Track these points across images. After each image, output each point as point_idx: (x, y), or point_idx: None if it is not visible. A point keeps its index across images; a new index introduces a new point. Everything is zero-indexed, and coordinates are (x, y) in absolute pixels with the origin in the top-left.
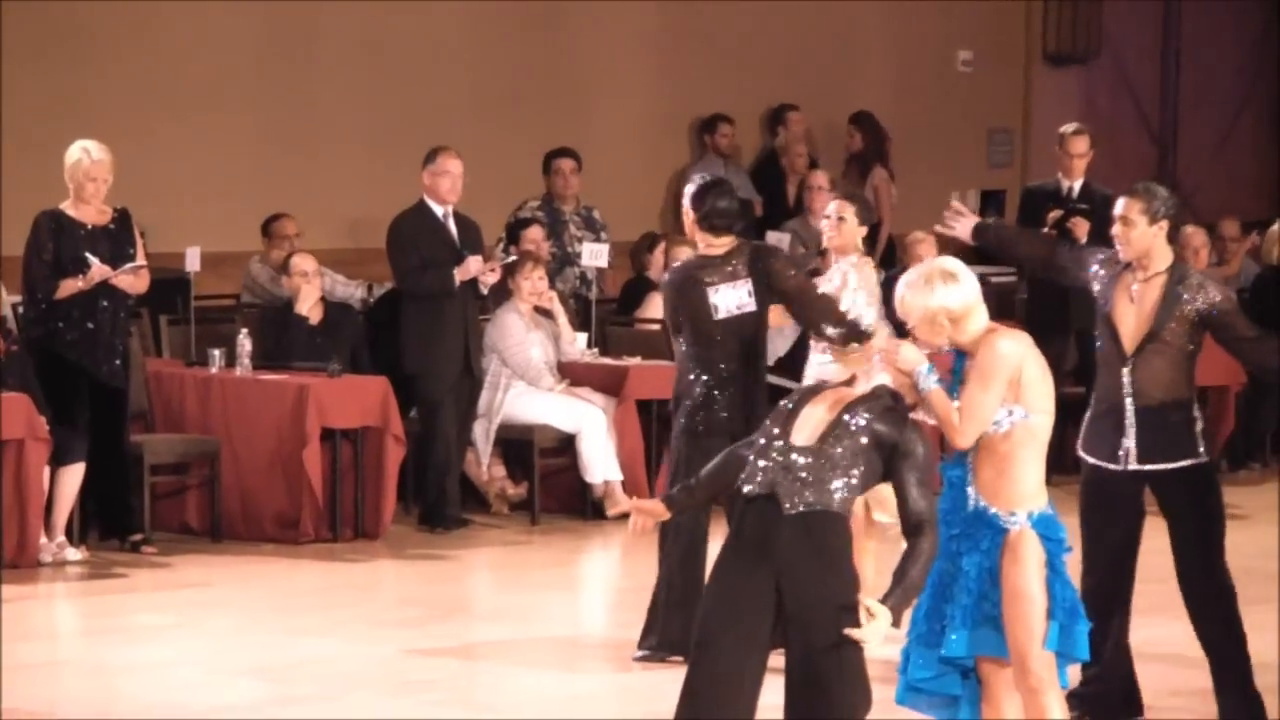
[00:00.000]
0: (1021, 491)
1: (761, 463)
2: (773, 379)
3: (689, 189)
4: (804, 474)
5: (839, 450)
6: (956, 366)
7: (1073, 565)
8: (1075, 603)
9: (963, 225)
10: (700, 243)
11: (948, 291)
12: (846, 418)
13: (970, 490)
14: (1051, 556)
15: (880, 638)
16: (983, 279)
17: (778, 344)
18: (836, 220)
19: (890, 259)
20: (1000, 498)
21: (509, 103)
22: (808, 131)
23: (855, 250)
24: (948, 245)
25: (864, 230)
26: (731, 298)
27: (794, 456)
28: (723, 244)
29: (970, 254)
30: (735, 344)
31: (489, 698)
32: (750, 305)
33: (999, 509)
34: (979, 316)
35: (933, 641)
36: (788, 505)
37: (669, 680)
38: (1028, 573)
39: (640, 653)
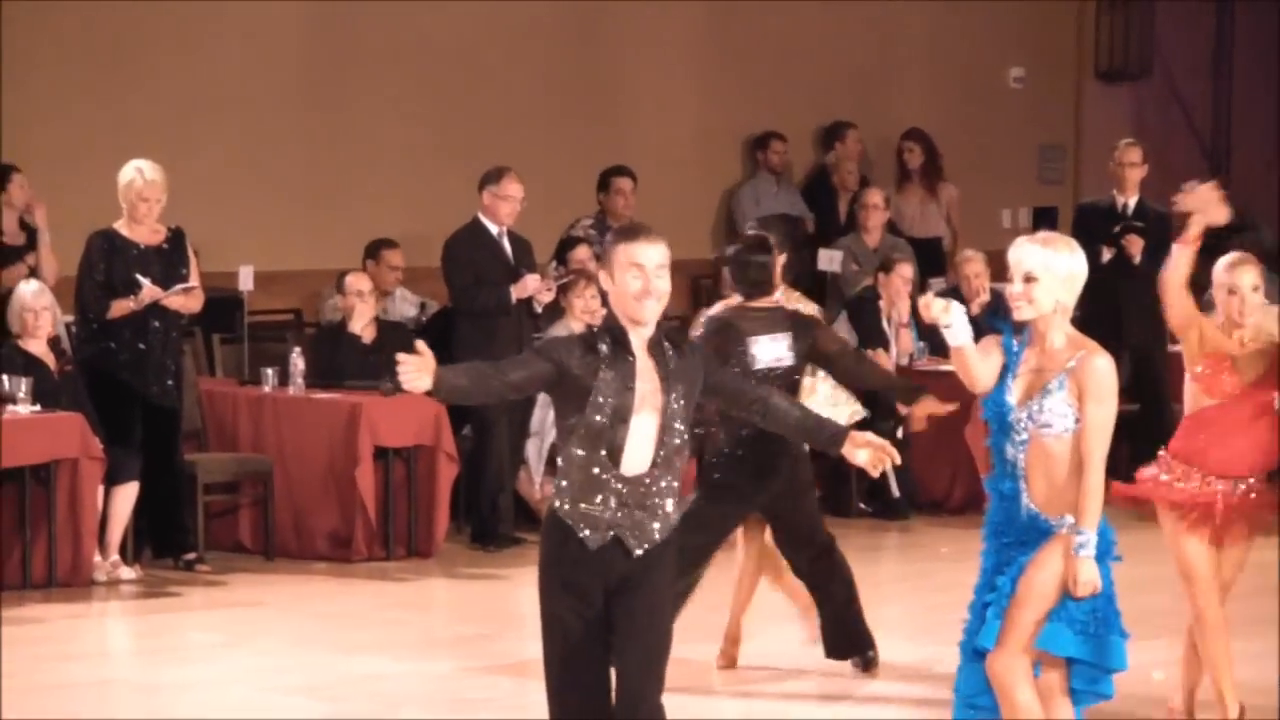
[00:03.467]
0: (1073, 499)
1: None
2: None
3: (730, 251)
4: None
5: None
6: (1007, 342)
7: (1125, 578)
8: (1109, 612)
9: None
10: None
11: (1084, 261)
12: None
13: (1024, 499)
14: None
15: None
16: None
17: None
18: None
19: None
20: (1053, 505)
21: (560, 120)
22: (860, 149)
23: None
24: (994, 263)
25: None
26: (770, 350)
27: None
28: (766, 303)
29: None
30: None
31: (542, 715)
32: (788, 360)
33: (1050, 515)
34: None
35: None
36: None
37: (716, 694)
38: (1053, 570)
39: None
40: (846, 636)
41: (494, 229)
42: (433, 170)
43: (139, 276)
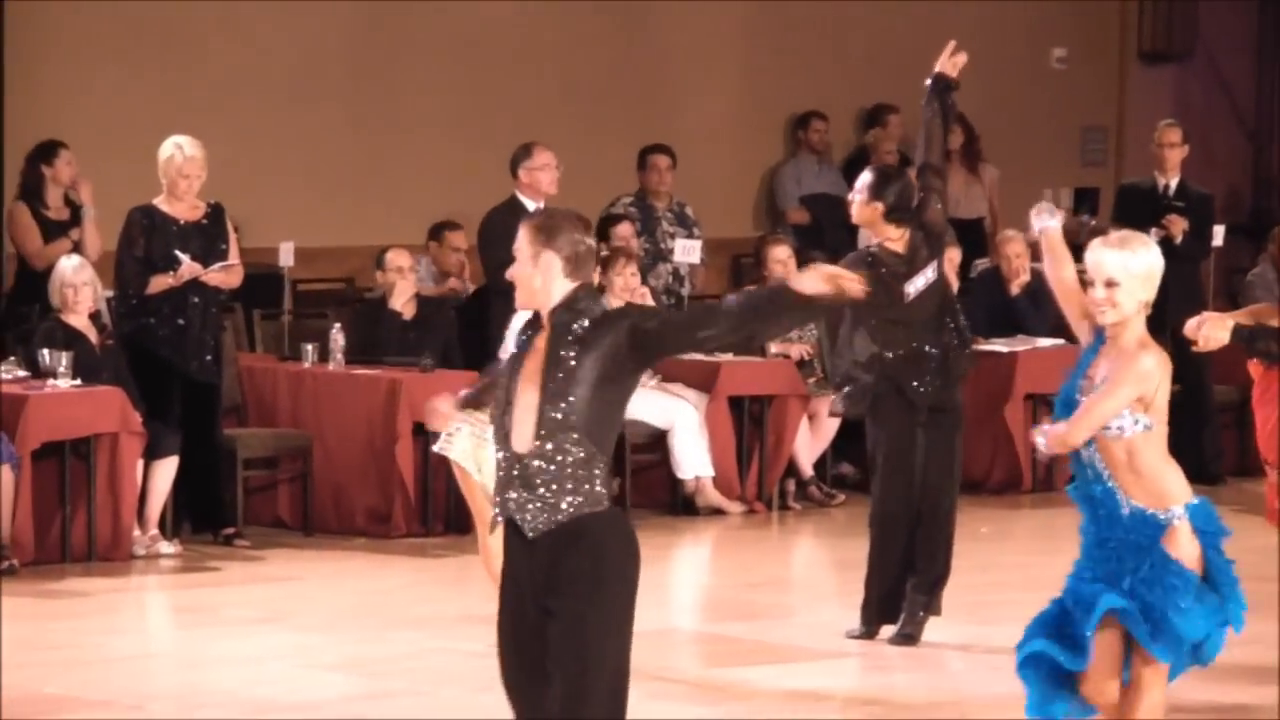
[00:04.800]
0: (1170, 488)
1: None
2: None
3: (867, 178)
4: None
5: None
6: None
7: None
8: (1226, 580)
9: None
10: (878, 234)
11: (1159, 254)
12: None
13: (1120, 498)
14: (1207, 547)
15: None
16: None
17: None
18: None
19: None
20: (1155, 498)
21: (599, 98)
22: (902, 131)
23: None
24: (1035, 244)
25: None
26: (920, 281)
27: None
28: (900, 235)
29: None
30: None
31: None
32: (933, 276)
33: (1155, 508)
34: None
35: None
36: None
37: (753, 678)
38: (1185, 564)
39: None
40: None
41: (531, 206)
42: (473, 147)
43: (178, 253)
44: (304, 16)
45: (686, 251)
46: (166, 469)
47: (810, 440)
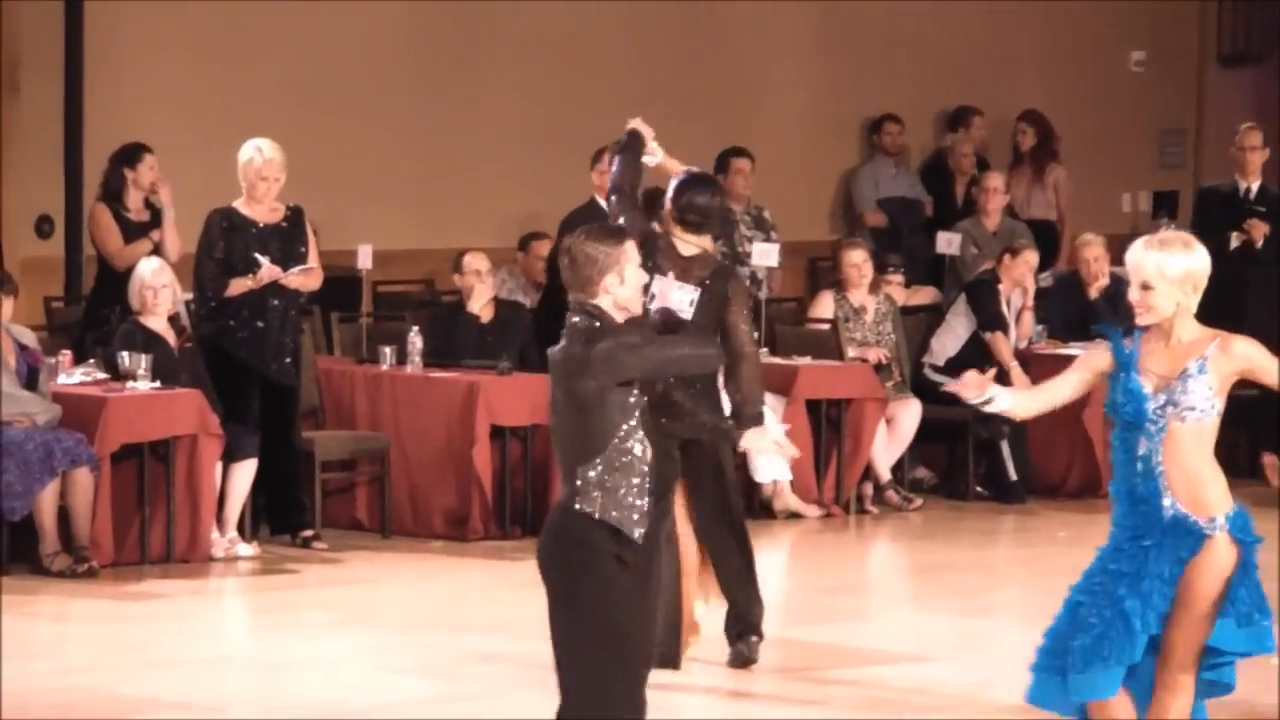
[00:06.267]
0: (1215, 494)
1: None
2: (939, 378)
3: (673, 181)
4: None
5: None
6: (1117, 345)
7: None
8: (1260, 597)
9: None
10: (675, 237)
11: (1203, 256)
12: None
13: (1165, 500)
14: (1245, 557)
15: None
16: None
17: (948, 343)
18: None
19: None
20: (1200, 505)
21: (675, 102)
22: (983, 134)
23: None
24: (1114, 247)
25: None
26: (676, 296)
27: None
28: (696, 244)
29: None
30: None
31: (656, 698)
32: (686, 314)
33: (1199, 517)
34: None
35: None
36: None
37: (830, 682)
38: (1219, 579)
39: None
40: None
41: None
42: (551, 150)
43: (258, 255)
44: (382, 20)
45: (764, 255)
46: (245, 471)
47: (888, 444)
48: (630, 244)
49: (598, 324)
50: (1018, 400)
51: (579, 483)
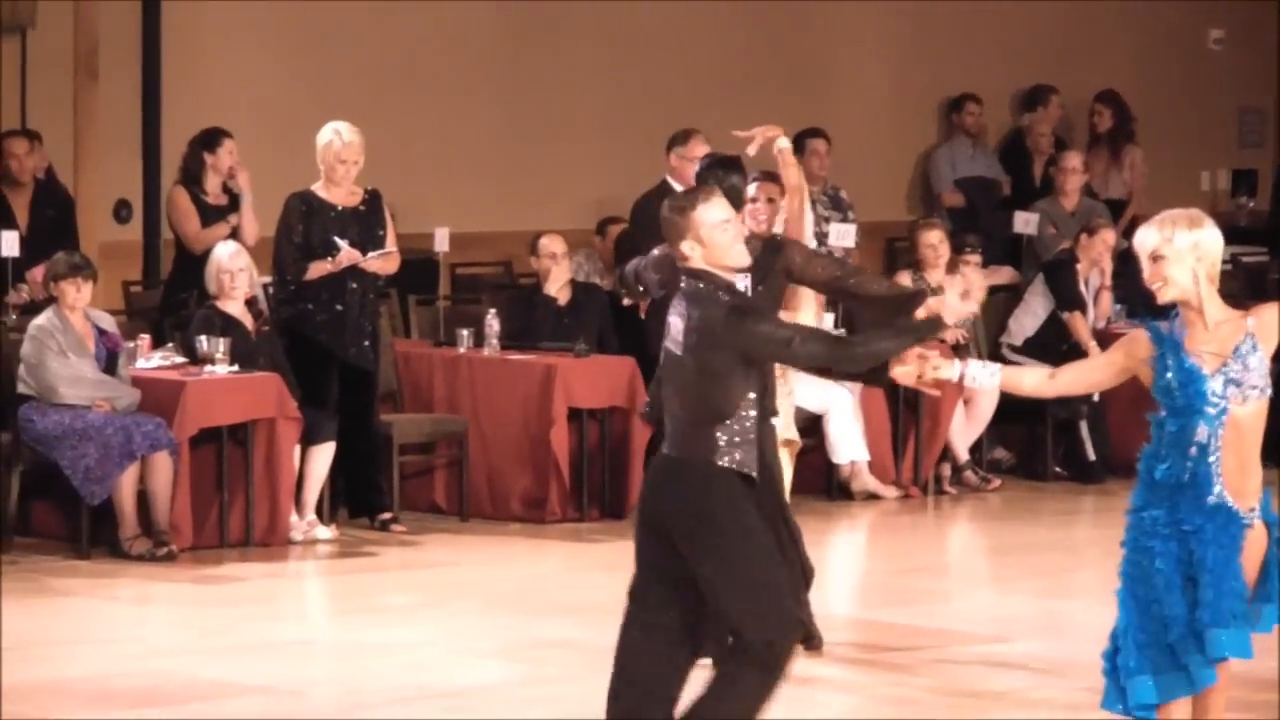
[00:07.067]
0: (1258, 483)
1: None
2: (1017, 358)
3: (697, 167)
4: None
5: None
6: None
7: None
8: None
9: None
10: None
11: (1212, 230)
12: None
13: (1216, 486)
14: (1275, 538)
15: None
16: (1233, 258)
17: (1025, 323)
18: (766, 203)
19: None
20: (1244, 494)
21: (752, 83)
22: (1061, 113)
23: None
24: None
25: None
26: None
27: None
28: None
29: (1227, 234)
30: None
31: None
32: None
33: (1240, 505)
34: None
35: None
36: None
37: (908, 664)
38: (1257, 566)
39: None
40: None
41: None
42: (627, 133)
43: (336, 238)
44: (460, 3)
45: (841, 236)
46: (323, 454)
47: (966, 425)
48: (701, 208)
49: (703, 285)
50: (1013, 376)
51: (705, 439)
